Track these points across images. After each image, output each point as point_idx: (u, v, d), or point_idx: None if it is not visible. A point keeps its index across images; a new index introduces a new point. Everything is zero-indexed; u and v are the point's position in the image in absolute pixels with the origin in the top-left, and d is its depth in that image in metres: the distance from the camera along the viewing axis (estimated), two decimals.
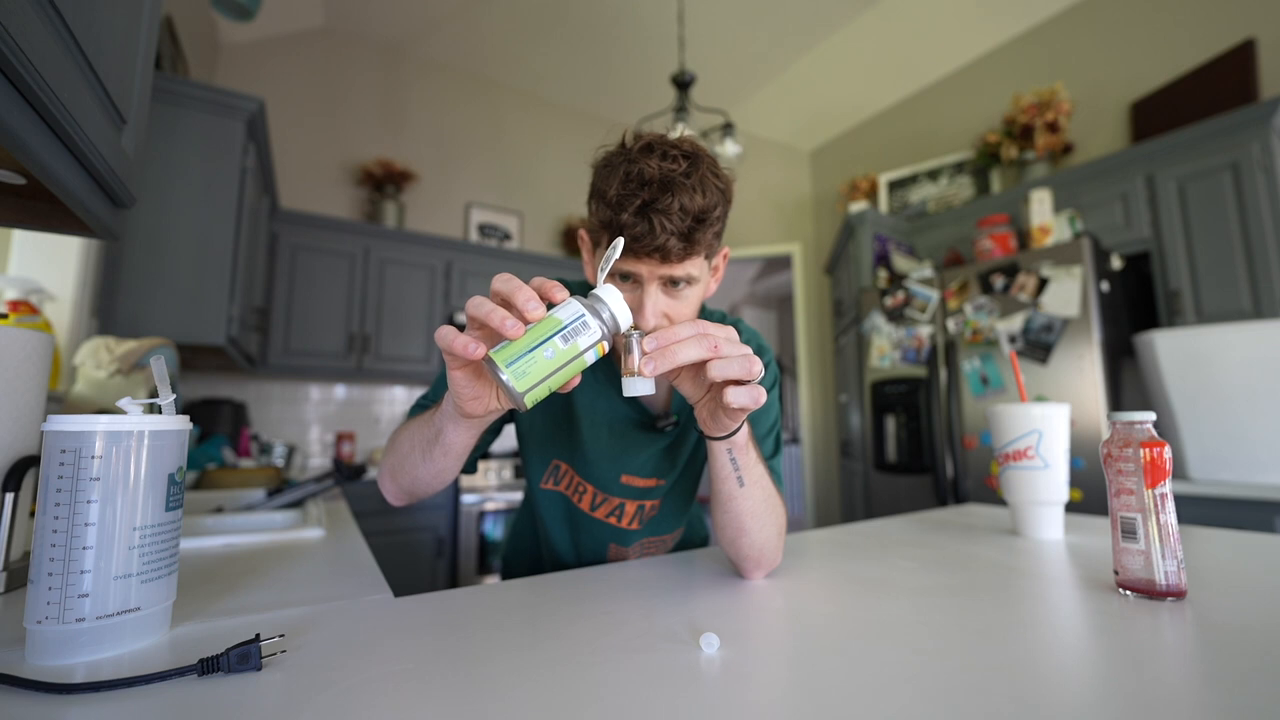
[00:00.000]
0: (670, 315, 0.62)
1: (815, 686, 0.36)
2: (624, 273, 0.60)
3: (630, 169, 0.56)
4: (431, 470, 0.59)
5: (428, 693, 0.36)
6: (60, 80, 0.45)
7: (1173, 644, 0.43)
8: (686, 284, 0.61)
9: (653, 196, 0.55)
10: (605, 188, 0.57)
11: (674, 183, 0.55)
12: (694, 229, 0.57)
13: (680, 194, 0.55)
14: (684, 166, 0.56)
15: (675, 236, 0.56)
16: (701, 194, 0.56)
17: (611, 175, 0.57)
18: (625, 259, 0.58)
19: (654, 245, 0.56)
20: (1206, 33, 2.22)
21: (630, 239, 0.56)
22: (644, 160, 0.56)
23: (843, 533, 0.87)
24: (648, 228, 0.55)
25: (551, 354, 0.38)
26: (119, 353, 1.12)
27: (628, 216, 0.55)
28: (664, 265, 0.58)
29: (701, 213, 0.56)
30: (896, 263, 2.76)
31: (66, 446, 0.39)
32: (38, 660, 0.38)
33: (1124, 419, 0.56)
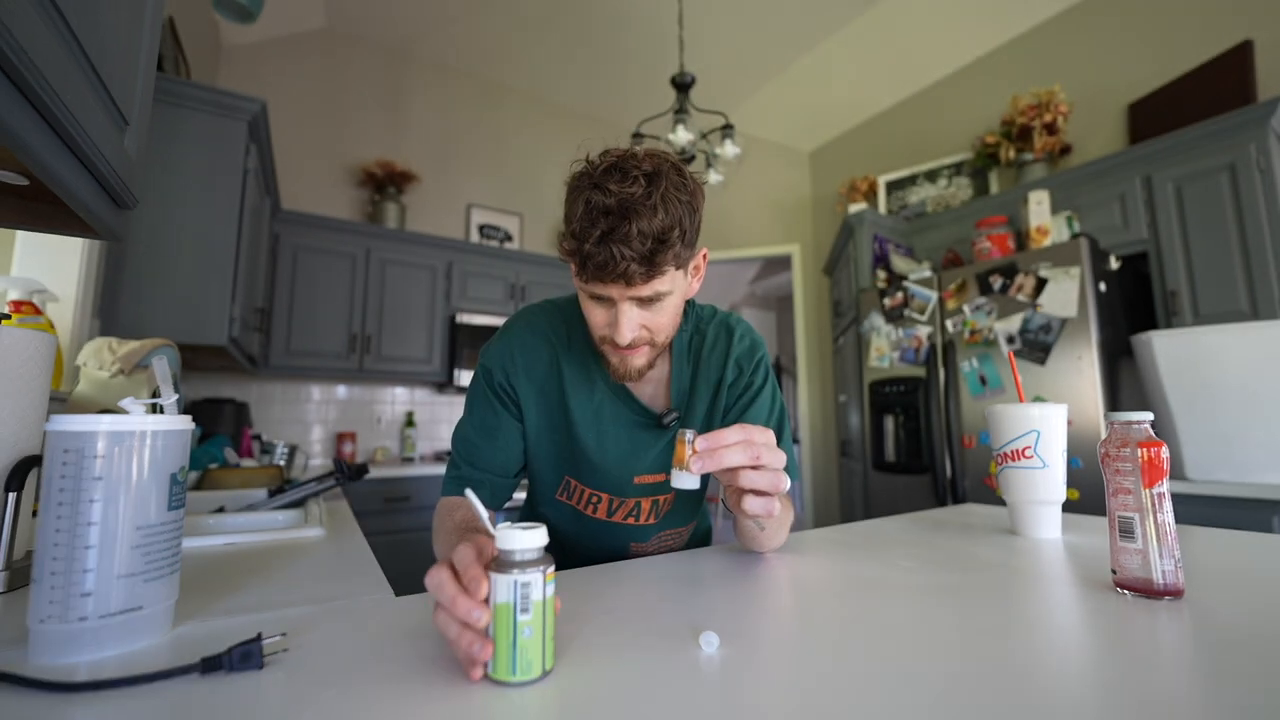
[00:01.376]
0: (648, 326, 0.65)
1: (815, 686, 0.36)
2: (596, 295, 0.63)
3: (591, 197, 0.57)
4: None
5: (429, 692, 0.36)
6: (63, 82, 0.45)
7: (1170, 643, 0.43)
8: (659, 299, 0.63)
9: (611, 226, 0.56)
10: (570, 215, 0.59)
11: (631, 208, 0.56)
12: (655, 250, 0.57)
13: (638, 219, 0.56)
14: (643, 189, 0.57)
15: (635, 262, 0.57)
16: (663, 212, 0.57)
17: (576, 201, 0.59)
18: (594, 284, 0.61)
19: (617, 273, 0.58)
20: (1204, 34, 2.22)
21: (595, 268, 0.58)
22: (605, 184, 0.57)
23: (842, 532, 0.87)
24: (608, 256, 0.57)
25: (530, 632, 0.36)
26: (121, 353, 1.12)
27: (590, 247, 0.57)
28: (630, 289, 0.60)
29: (662, 233, 0.57)
30: (895, 263, 2.76)
31: (69, 446, 0.40)
32: (40, 659, 0.39)
33: (1122, 419, 0.56)
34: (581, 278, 0.61)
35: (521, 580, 0.36)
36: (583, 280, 0.61)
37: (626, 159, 0.59)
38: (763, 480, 0.52)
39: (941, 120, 3.23)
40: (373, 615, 0.50)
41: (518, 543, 0.37)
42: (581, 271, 0.60)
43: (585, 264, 0.59)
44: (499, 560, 0.38)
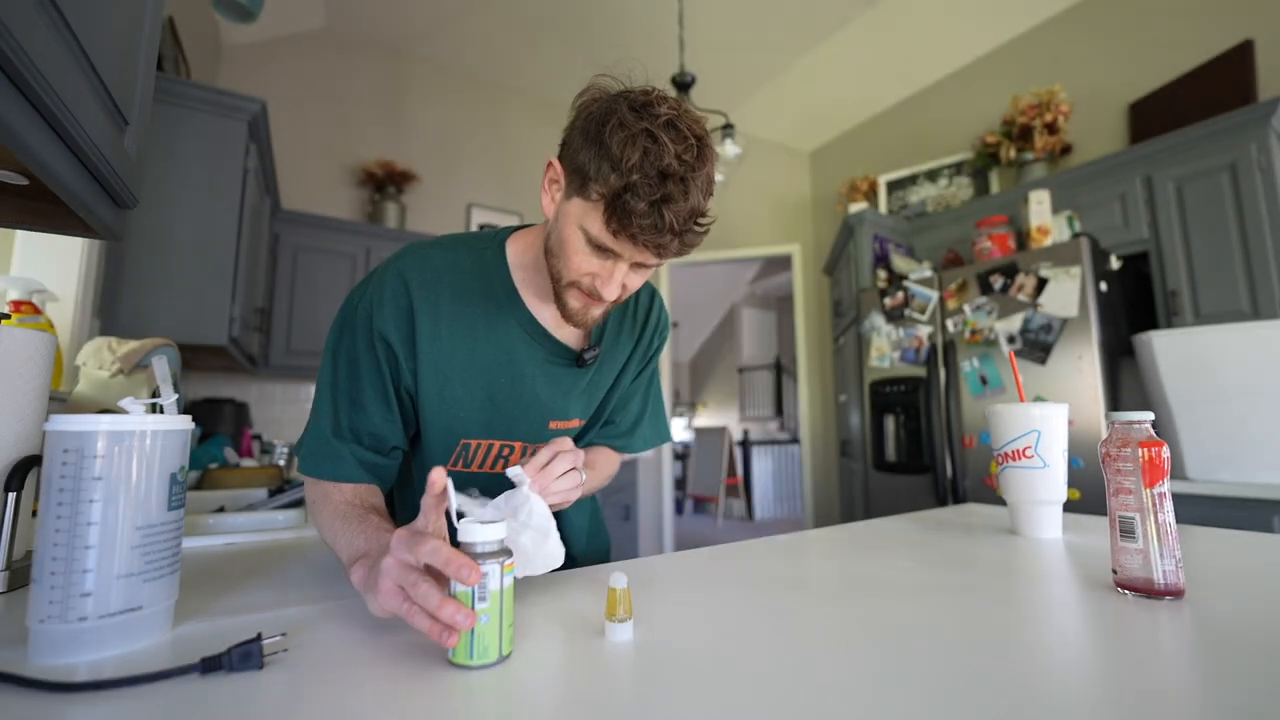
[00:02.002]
0: (628, 286, 0.62)
1: (814, 685, 0.36)
2: (604, 246, 0.57)
3: (652, 149, 0.52)
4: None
5: (429, 691, 0.36)
6: (63, 81, 0.45)
7: (1170, 643, 0.43)
8: (652, 268, 0.61)
9: (669, 194, 0.52)
10: (622, 155, 0.52)
11: (689, 181, 0.53)
12: (691, 229, 0.56)
13: (694, 193, 0.54)
14: (695, 157, 0.54)
15: (677, 237, 0.55)
16: (704, 194, 0.55)
17: (630, 144, 0.52)
18: (620, 241, 0.55)
19: (655, 242, 0.54)
20: (1204, 34, 2.22)
21: (638, 229, 0.53)
22: (667, 140, 0.52)
23: (842, 532, 0.87)
24: (657, 221, 0.53)
25: (487, 619, 0.39)
26: (121, 353, 1.12)
27: (641, 205, 0.52)
28: (653, 257, 0.57)
29: (701, 216, 0.56)
30: (896, 263, 2.76)
31: (69, 446, 0.40)
32: (40, 659, 0.39)
33: (1122, 419, 0.56)
34: (607, 226, 0.55)
35: (484, 565, 0.39)
36: (607, 229, 0.55)
37: (680, 115, 0.55)
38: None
39: (942, 120, 3.23)
40: (372, 615, 0.50)
41: (478, 535, 0.40)
42: (612, 221, 0.54)
43: (625, 217, 0.53)
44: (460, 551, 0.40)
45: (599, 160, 0.54)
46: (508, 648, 0.40)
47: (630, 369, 0.80)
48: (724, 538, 4.55)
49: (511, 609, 0.41)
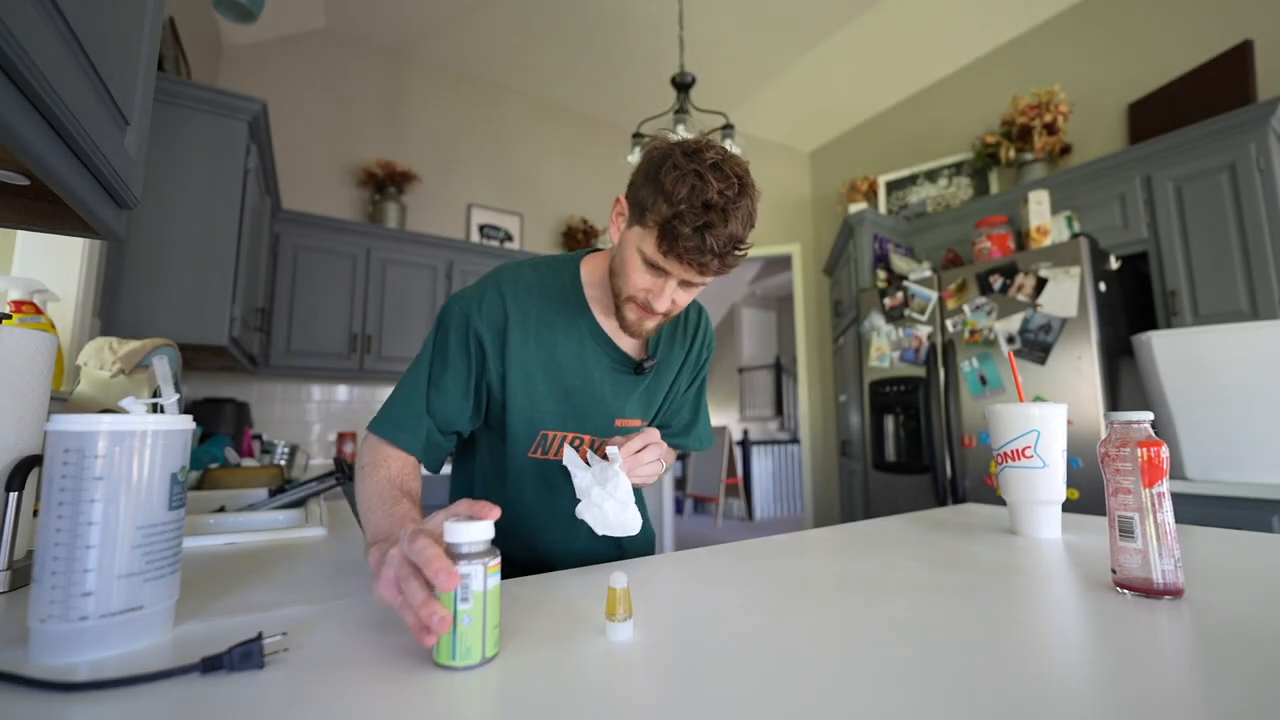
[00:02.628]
0: (678, 302, 0.72)
1: (815, 685, 0.36)
2: (660, 268, 0.67)
3: (699, 185, 0.62)
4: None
5: (429, 691, 0.36)
6: (63, 81, 0.45)
7: (1170, 642, 0.43)
8: (699, 287, 0.71)
9: (712, 221, 0.62)
10: (674, 190, 0.62)
11: (729, 212, 0.63)
12: (731, 253, 0.65)
13: (733, 222, 0.63)
14: (737, 194, 0.64)
15: (717, 258, 0.64)
16: (742, 225, 0.64)
17: (681, 181, 0.62)
18: (670, 260, 0.66)
19: (698, 261, 0.64)
20: (1204, 34, 2.22)
21: (684, 250, 0.63)
22: (709, 176, 0.62)
23: (842, 532, 0.87)
24: (700, 243, 0.62)
25: (470, 620, 0.39)
26: (122, 353, 1.12)
27: (687, 230, 0.62)
28: (698, 275, 0.67)
29: (740, 242, 0.65)
30: (895, 263, 2.76)
31: (70, 446, 0.40)
32: (41, 659, 0.39)
33: (1122, 419, 0.56)
34: (659, 248, 0.65)
35: (462, 570, 0.39)
36: (659, 250, 0.65)
37: (726, 160, 0.65)
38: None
39: (941, 120, 3.23)
40: (373, 614, 0.50)
41: (463, 535, 0.40)
42: (662, 243, 0.64)
43: (673, 240, 0.63)
44: (446, 551, 0.40)
45: (655, 194, 0.64)
46: (493, 649, 0.40)
47: (683, 377, 0.91)
48: (724, 538, 4.55)
49: (497, 610, 0.40)
